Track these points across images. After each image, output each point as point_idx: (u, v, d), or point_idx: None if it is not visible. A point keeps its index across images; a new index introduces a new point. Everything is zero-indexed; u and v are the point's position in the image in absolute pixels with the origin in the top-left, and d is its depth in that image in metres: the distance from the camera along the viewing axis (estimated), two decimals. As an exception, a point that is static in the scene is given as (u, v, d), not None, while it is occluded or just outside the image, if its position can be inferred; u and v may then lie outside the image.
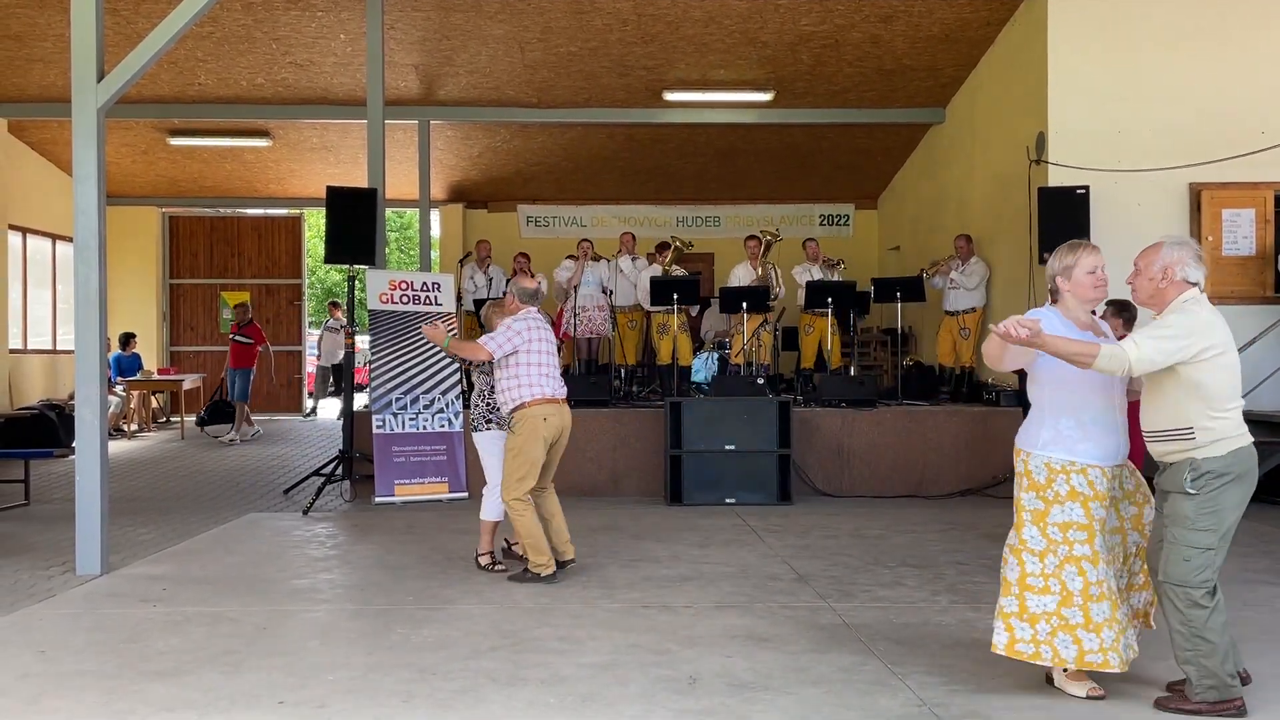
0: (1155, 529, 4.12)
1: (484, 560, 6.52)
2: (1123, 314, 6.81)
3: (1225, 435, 3.93)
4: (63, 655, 4.75)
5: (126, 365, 15.30)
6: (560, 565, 6.28)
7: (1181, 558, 3.89)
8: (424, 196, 14.18)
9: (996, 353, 4.09)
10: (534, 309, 6.40)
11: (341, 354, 16.42)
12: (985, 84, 11.99)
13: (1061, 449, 4.06)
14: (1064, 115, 10.03)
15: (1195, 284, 4.05)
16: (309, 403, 18.17)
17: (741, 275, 11.49)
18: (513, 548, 6.80)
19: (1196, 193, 9.93)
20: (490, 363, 6.38)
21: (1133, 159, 9.87)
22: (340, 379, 16.55)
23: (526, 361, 6.18)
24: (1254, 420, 9.29)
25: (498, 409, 6.45)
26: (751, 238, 11.75)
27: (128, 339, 15.54)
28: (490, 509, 6.54)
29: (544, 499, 6.38)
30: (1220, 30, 9.94)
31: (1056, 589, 4.02)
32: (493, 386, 6.46)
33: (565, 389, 6.36)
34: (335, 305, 17.35)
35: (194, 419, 14.76)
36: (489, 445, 6.59)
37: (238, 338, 14.25)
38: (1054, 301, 4.25)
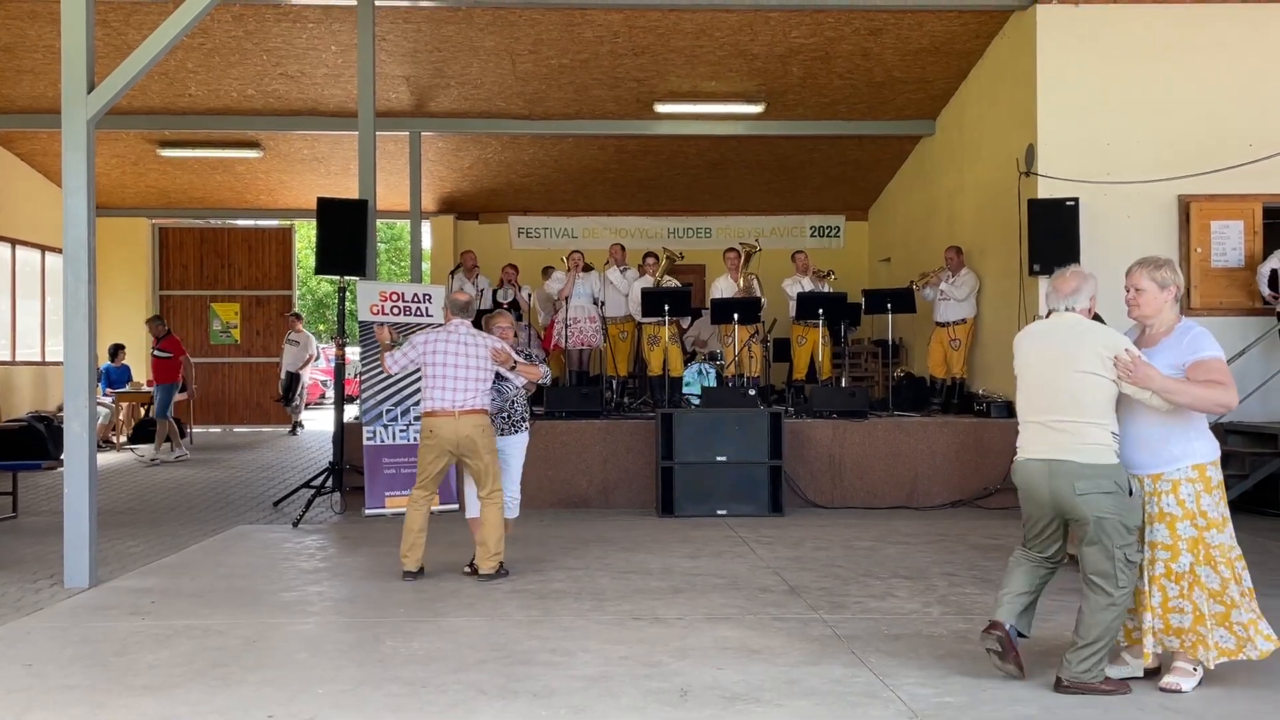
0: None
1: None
2: None
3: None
4: (50, 669, 4.71)
5: (116, 377, 15.25)
6: (474, 572, 6.57)
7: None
8: (415, 208, 14.18)
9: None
10: (459, 320, 6.62)
11: (297, 365, 16.49)
12: (975, 96, 12.04)
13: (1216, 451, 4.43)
14: (1053, 127, 10.07)
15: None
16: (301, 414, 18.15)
17: (723, 288, 11.51)
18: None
19: (1185, 205, 9.98)
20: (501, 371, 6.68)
21: (1122, 171, 9.92)
22: (292, 390, 16.56)
23: (430, 374, 6.50)
24: (1243, 432, 9.39)
25: (503, 411, 6.82)
26: (730, 250, 11.77)
27: (116, 350, 15.48)
28: (514, 508, 6.86)
29: (483, 509, 6.59)
30: (1208, 43, 10.00)
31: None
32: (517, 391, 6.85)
33: (476, 399, 6.48)
34: (297, 318, 17.10)
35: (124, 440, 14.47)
36: (511, 449, 6.86)
37: (157, 352, 13.65)
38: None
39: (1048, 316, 4.52)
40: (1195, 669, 4.38)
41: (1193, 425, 4.36)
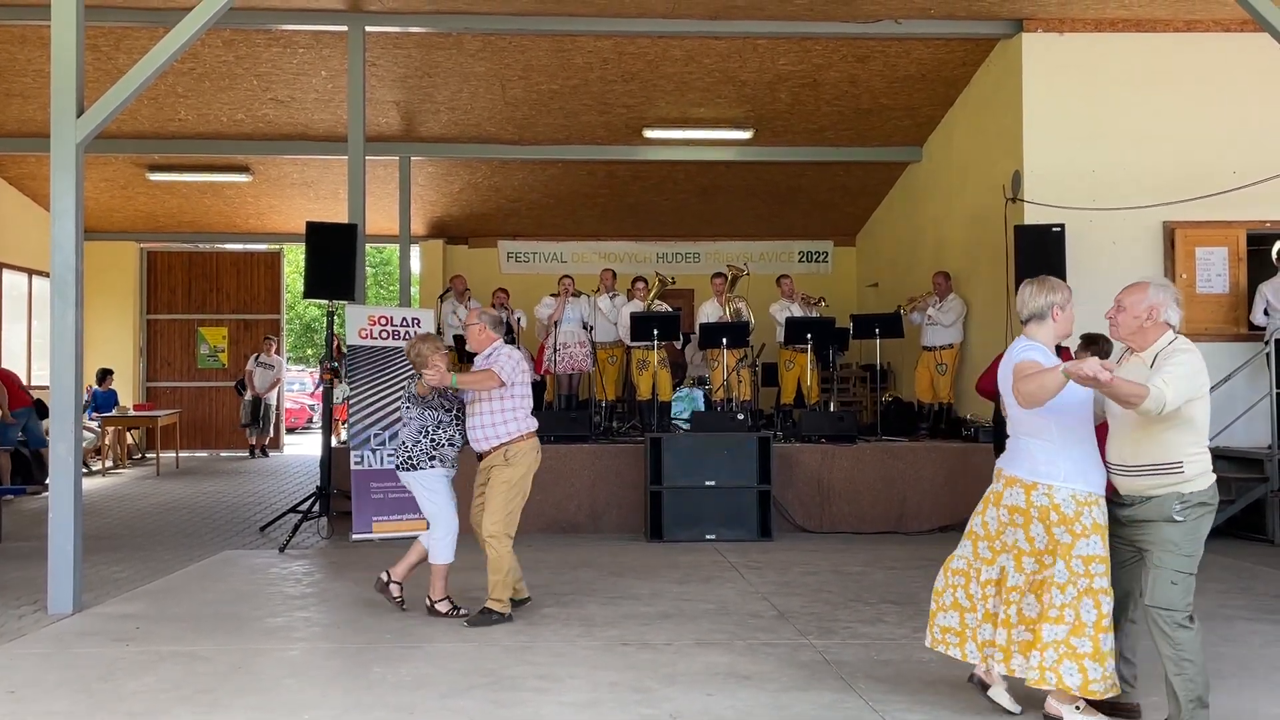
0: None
1: (444, 607, 6.20)
2: (1091, 347, 6.92)
3: (1207, 468, 4.06)
4: (34, 695, 4.67)
5: (102, 401, 15.18)
6: (517, 604, 6.21)
7: (1169, 581, 3.98)
8: (404, 232, 14.20)
9: (1052, 389, 3.98)
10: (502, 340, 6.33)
11: (266, 388, 16.47)
12: (961, 124, 12.14)
13: (1082, 481, 4.15)
14: (1039, 155, 10.15)
15: (1173, 327, 4.21)
16: (285, 436, 18.09)
17: (709, 312, 11.53)
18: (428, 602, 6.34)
19: (1170, 231, 10.05)
20: (447, 396, 6.19)
21: (1107, 198, 9.99)
22: (256, 414, 16.53)
23: (522, 393, 6.12)
24: (1229, 457, 9.42)
25: (441, 446, 6.21)
26: (717, 275, 11.81)
27: (104, 375, 15.42)
28: (444, 551, 6.19)
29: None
30: (1193, 71, 10.11)
31: (1071, 619, 4.08)
32: (438, 423, 6.20)
33: None
34: (269, 340, 17.05)
35: None
36: (434, 484, 6.21)
37: None
38: (1026, 333, 4.38)
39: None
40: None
41: (1055, 439, 4.24)
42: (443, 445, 6.23)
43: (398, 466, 6.29)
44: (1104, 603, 4.07)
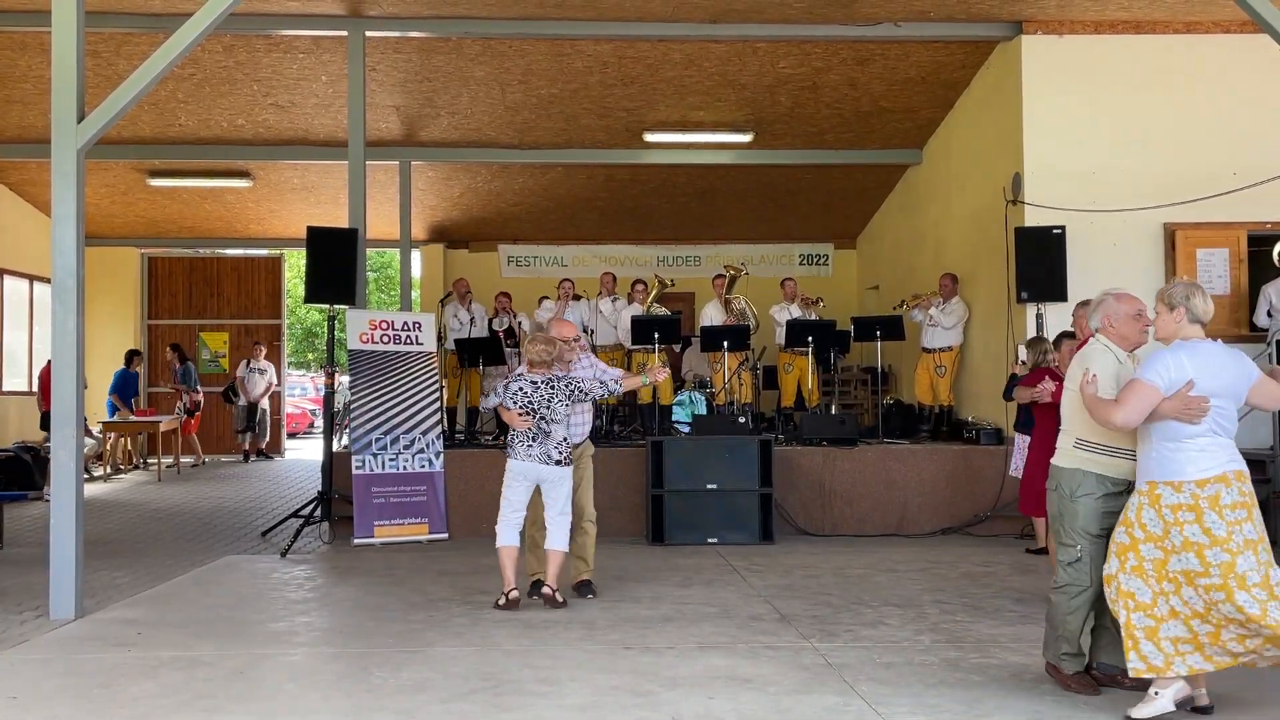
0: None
1: (553, 593, 6.49)
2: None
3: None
4: (34, 701, 4.66)
5: (120, 384, 15.25)
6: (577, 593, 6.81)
7: None
8: (405, 236, 14.20)
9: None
10: None
11: (260, 393, 16.51)
12: (961, 126, 12.14)
13: None
14: (1039, 156, 10.15)
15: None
16: (286, 441, 18.10)
17: (711, 315, 11.53)
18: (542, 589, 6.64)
19: (1171, 233, 10.05)
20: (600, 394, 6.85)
21: (1107, 199, 9.99)
22: (250, 419, 16.55)
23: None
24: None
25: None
26: (718, 276, 11.83)
27: (132, 356, 15.54)
28: (563, 538, 6.58)
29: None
30: (1192, 73, 10.11)
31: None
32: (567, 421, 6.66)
33: None
34: (259, 346, 17.10)
35: None
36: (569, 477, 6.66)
37: None
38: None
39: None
40: (1154, 692, 4.33)
41: (1149, 443, 4.43)
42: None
43: (561, 462, 6.51)
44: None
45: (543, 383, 6.51)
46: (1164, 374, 4.33)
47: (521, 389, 6.51)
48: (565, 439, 6.55)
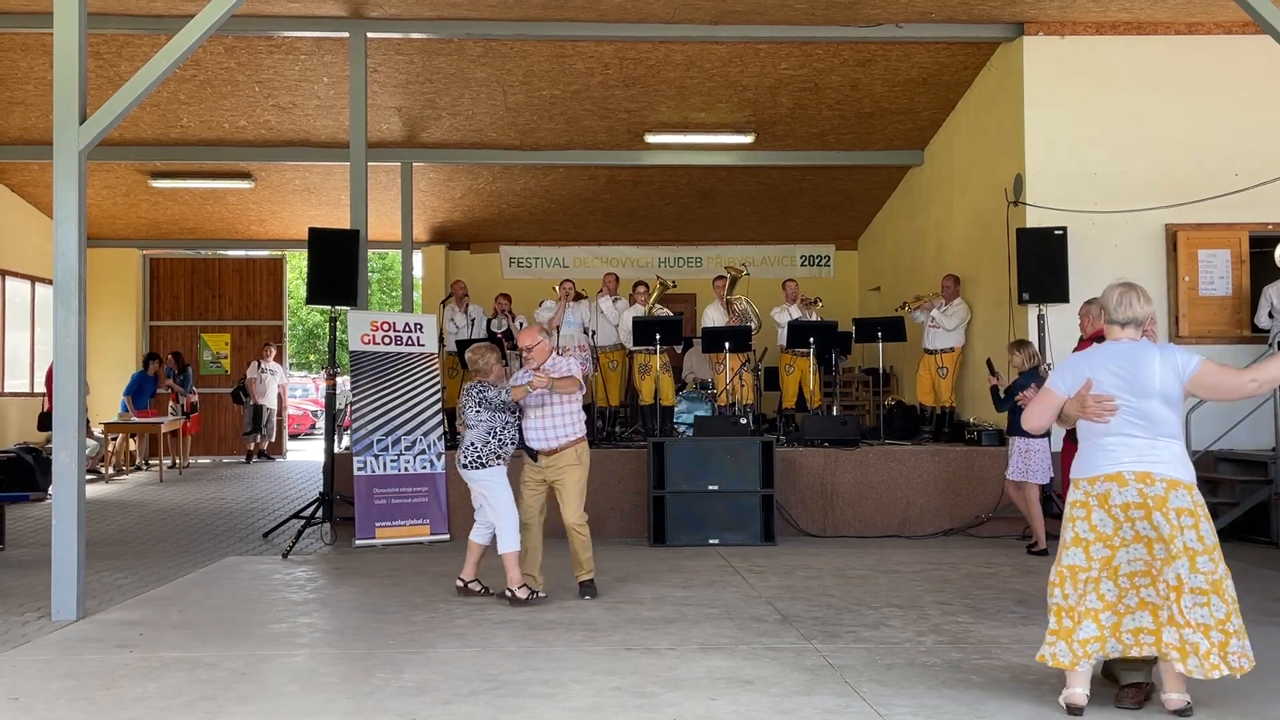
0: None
1: (524, 593, 6.64)
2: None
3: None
4: (36, 703, 4.66)
5: (144, 384, 15.28)
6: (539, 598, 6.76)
7: None
8: (406, 238, 14.20)
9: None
10: None
11: (270, 394, 16.56)
12: (963, 127, 12.14)
13: None
14: (1041, 157, 10.15)
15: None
16: (288, 442, 18.11)
17: (713, 316, 11.54)
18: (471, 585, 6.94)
19: (1172, 234, 10.05)
20: (508, 402, 6.69)
21: (1109, 201, 9.99)
22: (259, 421, 16.58)
23: (581, 400, 6.78)
24: (1233, 460, 9.42)
25: (505, 446, 6.75)
26: (719, 278, 11.84)
27: (150, 360, 15.55)
28: (513, 540, 6.67)
29: (537, 530, 6.86)
30: (1194, 74, 10.11)
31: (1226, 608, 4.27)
32: (504, 424, 6.72)
33: None
34: (269, 347, 17.14)
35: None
36: (501, 479, 6.74)
37: None
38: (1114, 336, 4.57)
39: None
40: None
41: (1180, 440, 4.47)
42: (506, 445, 6.77)
43: (468, 465, 6.73)
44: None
45: (470, 389, 6.84)
46: (1065, 376, 4.51)
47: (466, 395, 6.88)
48: (473, 444, 6.73)
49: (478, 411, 6.73)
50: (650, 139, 13.08)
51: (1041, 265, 9.65)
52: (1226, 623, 4.19)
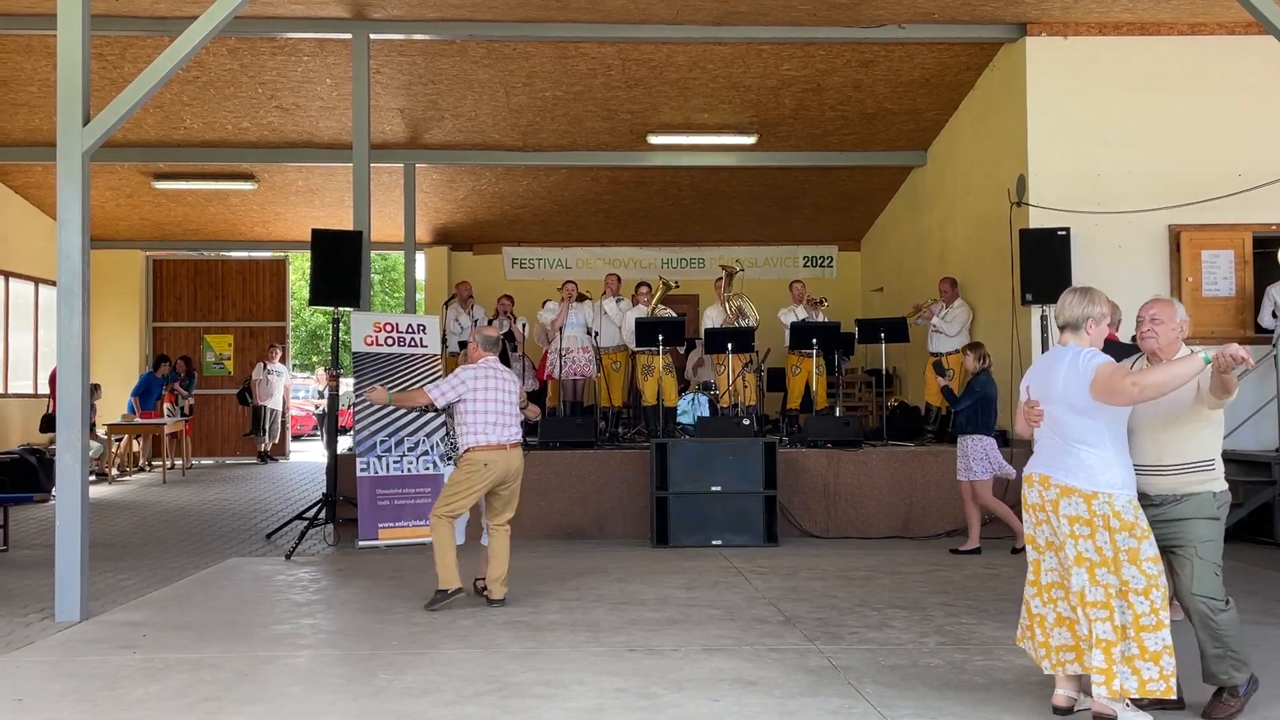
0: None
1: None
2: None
3: (1221, 467, 4.39)
4: (40, 703, 4.67)
5: (152, 386, 15.30)
6: (490, 603, 6.64)
7: (1213, 573, 4.31)
8: (409, 239, 14.20)
9: (1186, 379, 4.14)
10: (492, 357, 6.78)
11: (277, 395, 16.62)
12: (966, 127, 12.13)
13: (1133, 486, 4.28)
14: (1044, 158, 10.15)
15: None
16: (290, 443, 18.13)
17: (713, 316, 11.54)
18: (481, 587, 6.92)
19: (1176, 234, 10.04)
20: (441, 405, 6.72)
21: (1112, 201, 9.98)
22: (258, 421, 16.62)
23: (473, 410, 6.57)
24: (1237, 460, 9.40)
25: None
26: (718, 279, 11.84)
27: (160, 362, 15.63)
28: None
29: (496, 537, 6.75)
30: (1197, 75, 10.11)
31: (1167, 621, 4.19)
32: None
33: (518, 432, 6.75)
34: (274, 348, 17.22)
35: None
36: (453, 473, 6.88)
37: None
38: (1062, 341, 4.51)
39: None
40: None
41: (1109, 446, 4.37)
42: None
43: (450, 459, 7.13)
44: (1158, 601, 4.18)
45: None
46: (1026, 382, 4.60)
47: None
48: (454, 440, 6.90)
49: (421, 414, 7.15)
50: (653, 140, 13.08)
51: (1044, 266, 9.64)
52: (1130, 641, 4.12)
